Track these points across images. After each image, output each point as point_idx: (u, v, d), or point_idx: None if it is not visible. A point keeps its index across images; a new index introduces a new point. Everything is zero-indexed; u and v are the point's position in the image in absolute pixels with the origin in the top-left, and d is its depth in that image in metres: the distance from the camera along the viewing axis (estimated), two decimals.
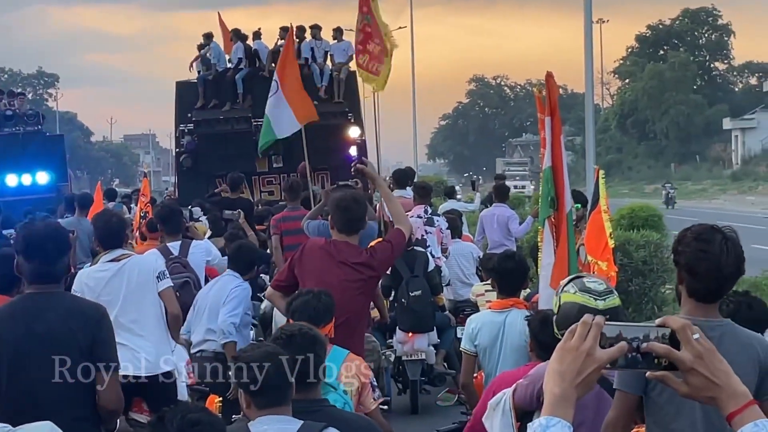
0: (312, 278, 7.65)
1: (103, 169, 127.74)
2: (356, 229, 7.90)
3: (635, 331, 2.69)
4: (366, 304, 8.10)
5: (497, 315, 7.84)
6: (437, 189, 30.71)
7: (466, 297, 13.57)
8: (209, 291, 9.66)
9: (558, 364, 2.68)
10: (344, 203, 7.85)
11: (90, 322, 5.65)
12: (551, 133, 7.56)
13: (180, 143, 24.80)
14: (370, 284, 7.94)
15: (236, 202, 15.80)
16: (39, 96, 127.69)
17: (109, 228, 8.43)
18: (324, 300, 6.71)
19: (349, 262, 7.71)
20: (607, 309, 5.23)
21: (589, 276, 5.74)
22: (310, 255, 7.82)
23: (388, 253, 7.92)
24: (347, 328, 7.57)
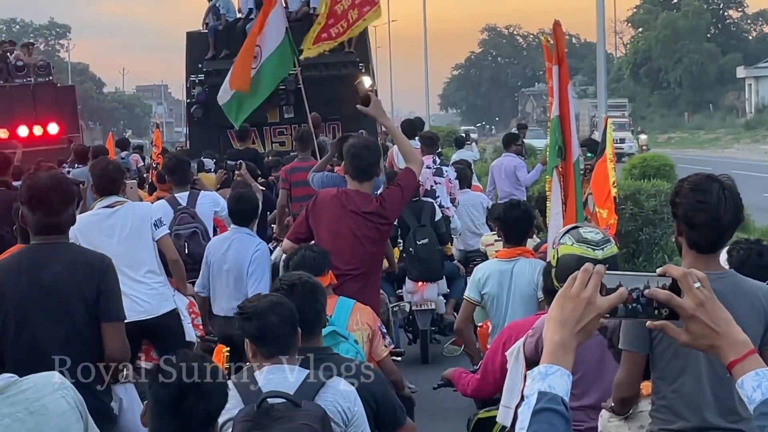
0: (324, 229, 7.65)
1: (116, 121, 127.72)
2: (368, 177, 7.82)
3: (636, 281, 2.69)
4: (379, 254, 8.03)
5: (505, 264, 7.83)
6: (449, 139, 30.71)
7: (476, 247, 13.58)
8: (226, 252, 9.41)
9: (558, 312, 2.69)
10: (355, 150, 7.79)
11: (95, 272, 5.65)
12: (559, 82, 7.53)
13: (191, 94, 24.72)
14: (383, 232, 7.89)
15: (242, 153, 15.77)
16: (51, 47, 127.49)
17: (104, 174, 8.44)
18: (317, 249, 6.82)
19: (360, 211, 7.67)
20: (606, 258, 5.22)
21: (585, 226, 5.72)
22: (322, 205, 7.80)
23: (398, 197, 7.84)
24: (361, 277, 7.60)
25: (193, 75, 24.39)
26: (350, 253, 7.35)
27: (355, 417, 4.76)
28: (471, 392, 6.62)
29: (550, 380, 2.60)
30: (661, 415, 4.75)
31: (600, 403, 5.41)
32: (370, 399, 5.04)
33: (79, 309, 5.58)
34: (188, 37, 25.37)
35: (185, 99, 27.45)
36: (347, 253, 7.24)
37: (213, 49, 24.24)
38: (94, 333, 5.62)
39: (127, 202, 8.48)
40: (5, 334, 5.51)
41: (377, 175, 8.06)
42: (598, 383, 5.64)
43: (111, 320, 5.67)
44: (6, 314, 5.52)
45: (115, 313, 5.72)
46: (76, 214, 6.13)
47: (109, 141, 23.93)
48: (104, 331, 5.65)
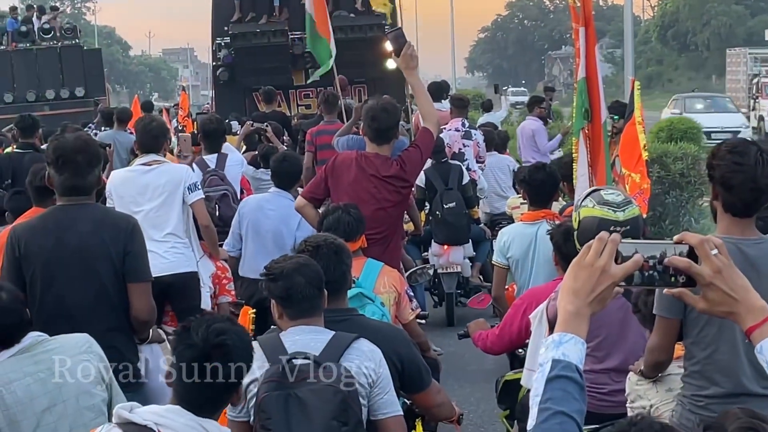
0: (344, 192, 7.60)
1: (142, 84, 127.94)
2: (386, 139, 7.74)
3: (652, 248, 2.68)
4: (400, 216, 7.99)
5: (529, 227, 7.80)
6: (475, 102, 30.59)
7: (502, 210, 13.57)
8: (266, 215, 9.40)
9: (572, 280, 2.69)
10: (373, 112, 7.69)
11: (121, 233, 5.68)
12: (585, 44, 7.48)
13: (217, 57, 24.71)
14: (403, 195, 7.82)
15: (268, 115, 15.75)
16: (77, 10, 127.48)
17: (147, 131, 8.39)
18: (353, 213, 6.71)
19: (380, 174, 7.61)
20: (627, 219, 5.20)
21: (607, 188, 5.69)
22: (341, 168, 7.74)
23: (417, 158, 7.77)
24: (383, 241, 7.57)
25: (219, 38, 24.38)
26: (371, 218, 7.30)
27: (381, 378, 4.76)
28: (482, 346, 6.65)
29: (564, 348, 2.61)
30: (694, 381, 4.74)
31: (623, 366, 5.41)
32: (395, 360, 5.04)
33: (106, 269, 5.61)
34: (214, 0, 25.33)
35: (211, 62, 27.40)
36: (368, 218, 7.20)
37: (239, 11, 24.19)
38: (120, 293, 5.65)
39: (165, 163, 8.41)
40: (32, 294, 5.55)
41: (396, 137, 7.98)
42: (620, 346, 5.64)
43: (137, 280, 5.71)
44: (33, 274, 5.56)
45: (142, 273, 5.75)
46: (102, 177, 6.15)
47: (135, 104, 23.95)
48: (130, 291, 5.68)
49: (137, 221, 5.89)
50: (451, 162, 12.66)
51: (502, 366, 8.20)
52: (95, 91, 33.67)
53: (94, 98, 32.96)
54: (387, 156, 7.73)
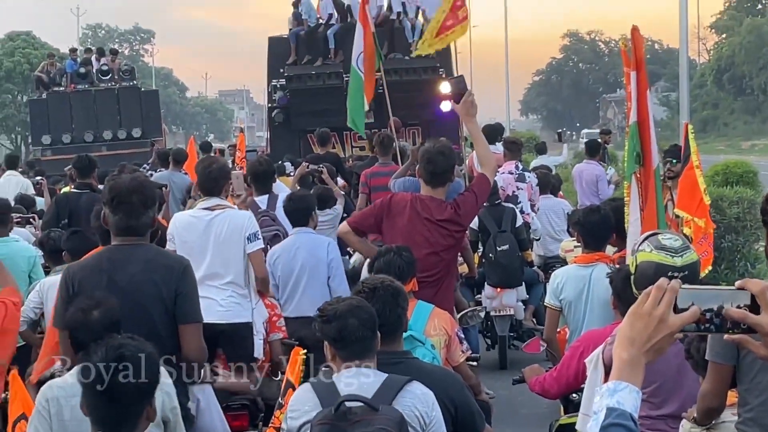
0: (397, 234, 7.59)
1: (198, 125, 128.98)
2: (441, 182, 7.74)
3: (711, 297, 2.64)
4: (453, 260, 7.97)
5: (583, 269, 7.75)
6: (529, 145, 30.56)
7: (556, 253, 13.49)
8: (295, 255, 9.42)
9: (629, 328, 2.66)
10: (429, 155, 7.70)
11: (173, 274, 5.70)
12: (637, 88, 7.45)
13: (272, 99, 24.89)
14: (456, 239, 7.81)
15: (323, 157, 15.81)
16: (135, 52, 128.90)
17: (207, 174, 8.28)
18: (405, 256, 6.71)
19: (434, 218, 7.60)
20: (685, 265, 5.14)
21: (665, 232, 5.64)
22: (396, 209, 7.73)
23: (472, 203, 7.77)
24: (435, 284, 7.55)
25: (274, 80, 24.57)
26: (424, 261, 7.28)
27: (433, 422, 4.74)
28: (540, 390, 6.59)
29: (619, 396, 2.59)
30: (749, 428, 4.68)
31: (680, 413, 5.35)
32: (448, 403, 5.02)
33: (157, 310, 5.64)
34: (270, 42, 25.55)
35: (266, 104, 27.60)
36: (421, 261, 7.17)
37: (294, 53, 24.40)
38: (171, 334, 5.67)
39: (227, 209, 8.28)
40: None
41: (451, 180, 7.96)
42: (677, 392, 5.57)
43: (188, 321, 5.73)
44: None
45: (192, 314, 5.77)
46: (158, 218, 6.18)
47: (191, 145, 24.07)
48: (181, 332, 5.70)
49: (189, 263, 5.91)
50: (504, 204, 12.63)
51: (554, 411, 8.13)
52: (152, 131, 33.97)
53: (150, 139, 33.26)
54: (441, 199, 7.72)
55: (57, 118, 33.14)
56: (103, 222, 5.84)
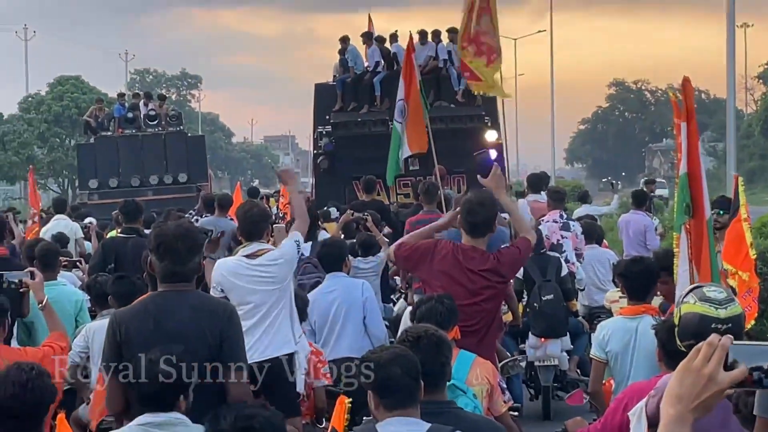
0: (438, 282, 7.58)
1: (243, 170, 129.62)
2: (482, 233, 7.72)
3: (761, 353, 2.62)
4: (496, 310, 7.93)
5: (629, 321, 7.71)
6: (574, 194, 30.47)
7: (601, 303, 13.41)
8: (332, 300, 9.55)
9: (678, 385, 2.64)
10: (469, 205, 7.71)
11: (219, 320, 5.73)
12: (687, 139, 7.43)
13: (317, 145, 25.02)
14: (499, 289, 7.79)
15: (367, 204, 15.84)
16: (182, 97, 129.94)
17: (247, 218, 8.32)
18: (447, 304, 6.72)
19: (476, 269, 7.58)
20: (729, 317, 5.11)
21: (709, 284, 5.60)
22: (439, 255, 7.73)
23: (515, 256, 7.77)
24: (477, 333, 7.53)
25: (320, 126, 24.70)
26: (465, 310, 7.27)
27: None
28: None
29: None
30: None
31: None
32: None
33: (203, 355, 5.65)
34: (316, 89, 25.69)
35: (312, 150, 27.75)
36: (462, 310, 7.16)
37: (341, 100, 24.51)
38: (217, 378, 5.68)
39: (270, 251, 8.27)
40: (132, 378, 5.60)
41: (492, 231, 7.94)
42: None
43: (234, 367, 5.74)
44: (132, 359, 5.61)
45: (238, 359, 5.78)
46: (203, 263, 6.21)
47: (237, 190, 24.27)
48: (227, 377, 5.71)
49: (234, 307, 5.94)
50: (549, 254, 12.59)
51: None
52: (198, 177, 34.15)
53: (196, 184, 33.42)
54: (483, 249, 7.69)
55: (104, 163, 33.41)
56: (150, 268, 5.87)
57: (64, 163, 70.38)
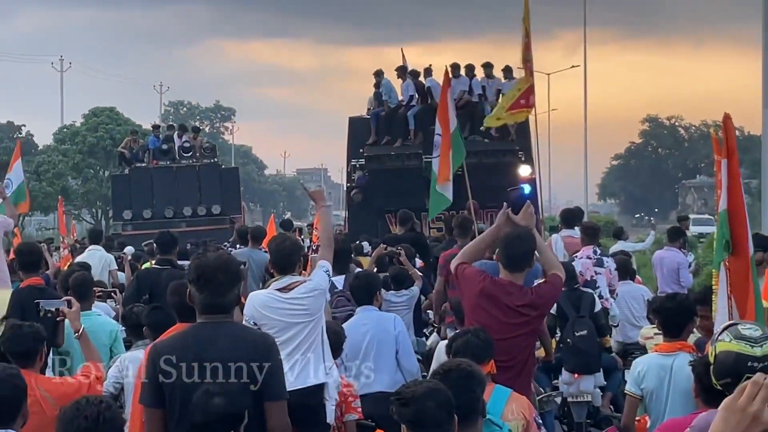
0: (475, 316, 7.59)
1: (276, 203, 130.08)
2: (521, 267, 7.71)
3: None
4: (531, 345, 7.89)
5: (664, 358, 7.67)
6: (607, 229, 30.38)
7: (635, 340, 13.35)
8: (366, 333, 9.53)
9: (722, 423, 2.62)
10: (507, 239, 7.71)
11: (259, 351, 5.73)
12: (728, 176, 7.41)
13: (351, 178, 25.10)
14: (535, 324, 7.77)
15: (401, 237, 15.85)
16: (216, 129, 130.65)
17: (280, 251, 8.30)
18: (483, 338, 6.73)
19: (513, 304, 7.55)
20: (765, 355, 5.09)
21: (744, 322, 5.57)
22: (479, 290, 7.67)
23: (551, 292, 7.75)
24: (513, 369, 7.50)
25: (354, 159, 24.78)
26: (502, 345, 7.26)
27: None
28: None
29: None
30: None
31: None
32: None
33: (244, 388, 5.65)
34: (350, 122, 25.81)
35: (345, 183, 27.81)
36: (499, 345, 7.15)
37: (374, 134, 24.59)
38: (256, 411, 5.68)
39: (302, 283, 8.21)
40: (172, 410, 5.62)
41: (531, 266, 7.92)
42: None
43: (274, 399, 5.74)
44: (172, 391, 5.63)
45: (278, 391, 5.79)
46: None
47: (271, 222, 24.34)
48: (267, 408, 5.71)
49: (274, 340, 5.93)
50: (583, 289, 12.54)
51: None
52: (231, 209, 34.26)
53: (229, 216, 33.55)
54: (521, 285, 7.68)
55: (138, 194, 33.58)
56: (189, 300, 5.88)
57: (98, 194, 70.74)
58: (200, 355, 5.66)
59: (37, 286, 9.72)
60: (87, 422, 4.96)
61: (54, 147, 72.57)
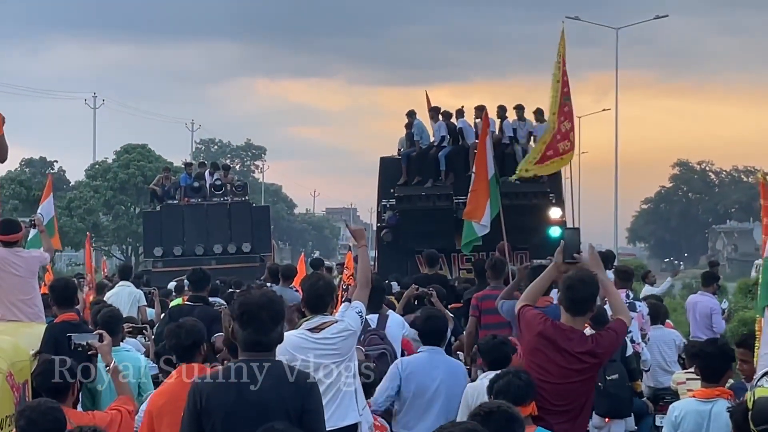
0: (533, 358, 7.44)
1: (305, 241, 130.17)
2: (582, 311, 7.51)
3: None
4: (589, 392, 7.65)
5: (702, 404, 7.60)
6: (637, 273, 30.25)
7: (666, 384, 13.29)
8: (435, 377, 9.42)
9: None
10: (570, 282, 7.48)
11: (301, 391, 5.71)
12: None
13: (381, 218, 25.10)
14: (593, 371, 7.59)
15: (431, 278, 15.83)
16: (246, 168, 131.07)
17: (313, 291, 8.27)
18: (524, 378, 6.71)
19: (573, 350, 7.37)
20: None
21: None
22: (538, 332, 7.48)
23: (612, 339, 7.54)
24: (568, 413, 7.38)
25: (384, 199, 24.79)
26: (558, 390, 7.19)
27: None
28: None
29: None
30: None
31: None
32: None
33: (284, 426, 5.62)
34: (381, 162, 25.83)
35: (375, 222, 27.82)
36: (555, 389, 7.09)
37: (405, 174, 24.60)
38: None
39: (334, 324, 8.22)
40: None
41: (593, 310, 7.77)
42: None
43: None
44: (212, 428, 5.61)
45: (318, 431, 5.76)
46: None
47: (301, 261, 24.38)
48: None
49: (315, 380, 5.92)
50: None
51: None
52: (261, 247, 34.30)
53: (260, 254, 33.58)
54: (582, 331, 7.52)
55: (169, 231, 33.66)
56: (232, 336, 5.88)
57: (129, 231, 70.95)
58: (242, 393, 5.65)
59: (71, 321, 9.75)
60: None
61: (86, 183, 72.92)
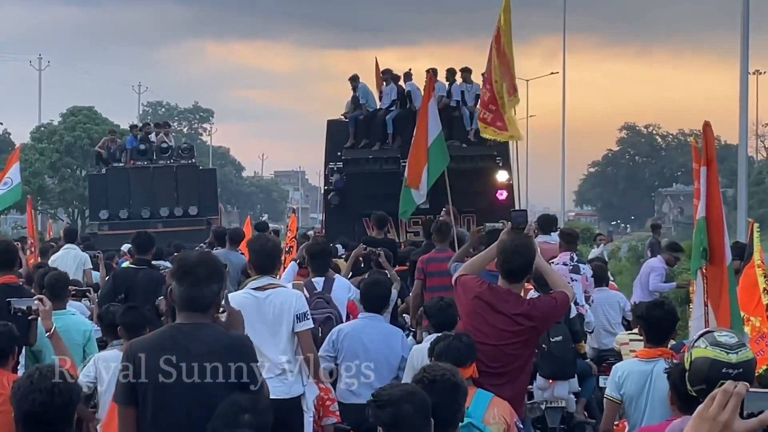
0: (470, 320, 7.59)
1: (253, 204, 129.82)
2: (518, 279, 7.69)
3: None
4: (525, 356, 7.77)
5: (645, 364, 7.69)
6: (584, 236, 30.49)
7: (610, 346, 13.37)
8: (363, 340, 9.51)
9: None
10: (505, 254, 7.65)
11: (236, 353, 5.66)
12: (707, 184, 7.43)
13: (329, 181, 25.05)
14: (530, 335, 7.68)
15: (380, 241, 15.83)
16: (194, 130, 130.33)
17: (263, 251, 8.34)
18: (465, 341, 6.75)
19: (508, 312, 7.52)
20: (740, 362, 5.10)
21: (720, 329, 5.60)
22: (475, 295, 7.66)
23: (550, 307, 7.70)
24: (504, 375, 7.47)
25: (331, 162, 24.74)
26: (493, 351, 7.27)
27: None
28: None
29: None
30: None
31: None
32: None
33: (220, 389, 5.60)
34: (329, 125, 25.74)
35: (322, 186, 27.76)
36: (490, 351, 7.16)
37: (353, 137, 24.56)
38: None
39: (278, 288, 8.29)
40: (144, 411, 5.55)
41: (530, 274, 7.93)
42: None
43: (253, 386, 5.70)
44: (145, 393, 5.56)
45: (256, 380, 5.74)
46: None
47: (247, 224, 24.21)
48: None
49: (251, 340, 5.89)
50: None
51: None
52: (208, 210, 34.14)
53: (206, 217, 33.42)
54: (518, 294, 7.68)
55: (115, 194, 33.43)
56: (170, 298, 5.84)
57: (75, 194, 70.35)
58: (178, 356, 5.60)
59: (11, 284, 9.63)
60: (42, 395, 4.93)
61: (31, 145, 72.17)
